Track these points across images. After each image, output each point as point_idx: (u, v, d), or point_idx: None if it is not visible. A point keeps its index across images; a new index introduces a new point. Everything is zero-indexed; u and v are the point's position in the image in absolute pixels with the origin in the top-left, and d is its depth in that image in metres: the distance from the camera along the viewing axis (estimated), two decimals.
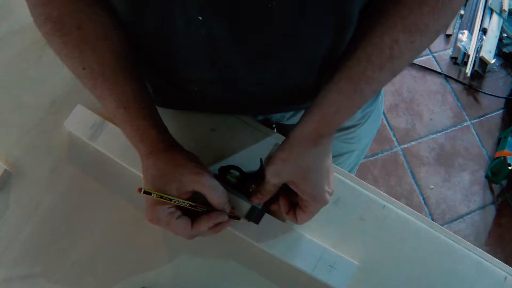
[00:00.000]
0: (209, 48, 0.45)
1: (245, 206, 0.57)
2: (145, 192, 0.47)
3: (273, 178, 0.51)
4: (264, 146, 0.63)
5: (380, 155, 1.67)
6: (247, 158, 0.62)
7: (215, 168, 0.59)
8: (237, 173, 0.58)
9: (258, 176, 0.54)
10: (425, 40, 0.43)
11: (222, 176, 0.57)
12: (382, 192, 0.62)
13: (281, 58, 0.47)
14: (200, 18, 0.40)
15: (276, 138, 0.64)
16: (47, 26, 0.46)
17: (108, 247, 0.58)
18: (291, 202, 0.55)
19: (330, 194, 0.52)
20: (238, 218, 0.56)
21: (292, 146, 0.49)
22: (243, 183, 0.57)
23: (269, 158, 0.52)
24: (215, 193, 0.51)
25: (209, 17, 0.40)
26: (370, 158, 1.66)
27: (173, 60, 0.50)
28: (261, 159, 0.56)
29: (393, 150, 1.69)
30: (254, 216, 0.56)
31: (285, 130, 0.76)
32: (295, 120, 0.71)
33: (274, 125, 0.72)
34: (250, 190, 0.56)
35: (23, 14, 0.73)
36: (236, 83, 0.52)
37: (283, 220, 0.58)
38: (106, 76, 0.47)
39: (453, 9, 0.42)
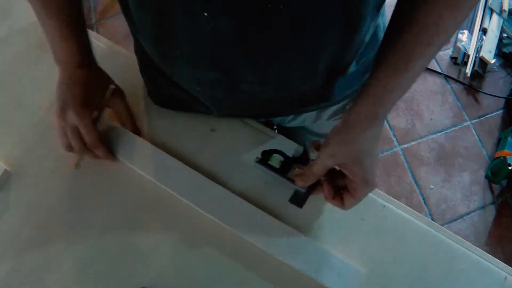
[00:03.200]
0: (213, 45, 0.44)
1: (288, 190, 0.56)
2: None
3: (329, 160, 0.51)
4: (264, 146, 0.63)
5: (380, 155, 1.67)
6: (247, 159, 0.62)
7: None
8: (281, 157, 0.57)
9: (303, 161, 0.53)
10: (463, 17, 0.43)
11: (264, 160, 0.57)
12: (382, 192, 0.62)
13: (285, 58, 0.47)
14: (206, 14, 0.40)
15: (276, 138, 0.64)
16: None
17: (108, 247, 0.58)
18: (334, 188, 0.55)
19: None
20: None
21: (348, 128, 0.49)
22: (287, 168, 0.56)
23: (324, 141, 0.51)
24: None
25: (215, 13, 0.40)
26: None
27: (174, 59, 0.50)
28: (305, 143, 0.56)
29: (393, 150, 1.69)
30: (298, 200, 0.56)
31: (286, 132, 0.76)
32: (296, 123, 0.71)
33: (275, 127, 0.72)
34: (294, 174, 0.55)
35: (23, 15, 0.73)
36: (239, 83, 0.52)
37: (286, 222, 0.58)
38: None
39: None
